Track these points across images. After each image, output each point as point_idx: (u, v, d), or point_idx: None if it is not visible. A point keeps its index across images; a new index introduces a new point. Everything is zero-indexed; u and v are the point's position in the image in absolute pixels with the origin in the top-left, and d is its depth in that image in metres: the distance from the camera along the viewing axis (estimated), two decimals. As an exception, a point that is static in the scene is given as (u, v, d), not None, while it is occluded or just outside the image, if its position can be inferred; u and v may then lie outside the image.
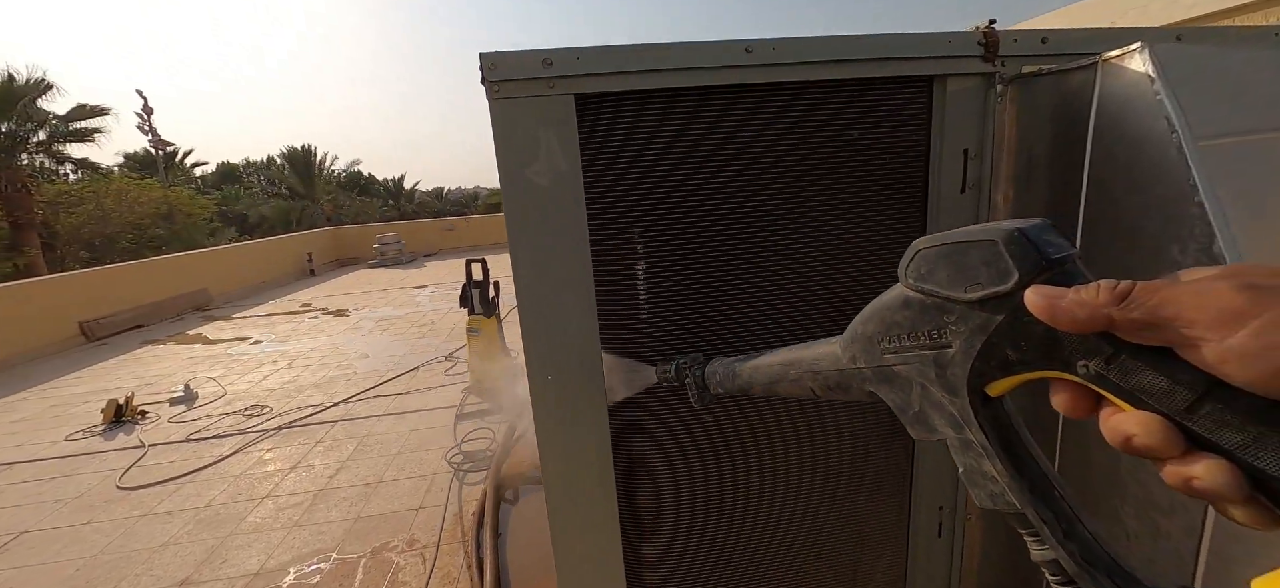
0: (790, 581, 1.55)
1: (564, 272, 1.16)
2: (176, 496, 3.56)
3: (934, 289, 0.39)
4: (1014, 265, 0.34)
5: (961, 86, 1.21)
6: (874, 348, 0.45)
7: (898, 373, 0.44)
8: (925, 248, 0.40)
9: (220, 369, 6.28)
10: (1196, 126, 0.86)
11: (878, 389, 0.47)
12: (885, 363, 0.45)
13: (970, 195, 1.28)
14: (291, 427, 4.51)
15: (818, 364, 0.53)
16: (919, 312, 0.41)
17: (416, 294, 10.24)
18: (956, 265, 0.38)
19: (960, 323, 0.38)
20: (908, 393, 0.44)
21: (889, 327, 0.44)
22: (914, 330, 0.42)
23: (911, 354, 0.42)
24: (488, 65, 1.05)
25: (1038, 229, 0.36)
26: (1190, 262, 0.87)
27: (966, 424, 0.40)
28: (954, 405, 0.40)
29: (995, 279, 0.35)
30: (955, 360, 0.39)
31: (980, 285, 0.36)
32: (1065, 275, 0.34)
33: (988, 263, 0.36)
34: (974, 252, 0.37)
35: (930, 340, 0.41)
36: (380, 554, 2.82)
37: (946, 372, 0.40)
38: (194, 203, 18.63)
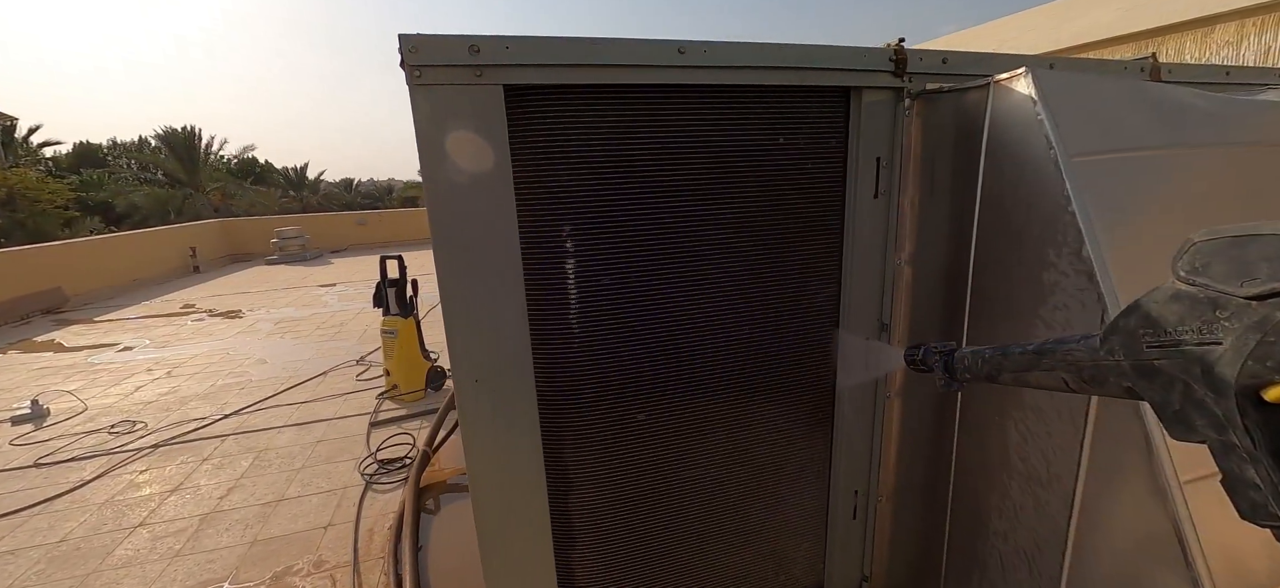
0: (719, 570, 1.59)
1: (492, 269, 1.12)
2: (22, 531, 3.02)
3: (1208, 283, 0.38)
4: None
5: (875, 99, 1.30)
6: (1136, 341, 0.44)
7: (1160, 369, 0.41)
8: (1202, 240, 0.39)
9: (78, 381, 5.42)
10: (1070, 144, 0.98)
11: (1136, 384, 0.44)
12: (1146, 357, 0.42)
13: (882, 201, 1.37)
14: (171, 443, 3.99)
15: (1073, 355, 0.51)
16: (1189, 306, 0.39)
17: (323, 293, 9.44)
18: (1234, 260, 0.36)
19: (1233, 319, 0.36)
20: (1170, 391, 0.41)
21: (1154, 320, 0.42)
22: (1182, 325, 0.40)
23: (1176, 350, 0.40)
24: (408, 48, 0.98)
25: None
26: (1065, 264, 0.99)
27: (1231, 426, 0.37)
28: (1219, 406, 0.37)
29: (1277, 274, 0.33)
30: (1224, 359, 0.36)
31: (1259, 280, 0.34)
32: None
33: (1270, 258, 0.34)
34: (1255, 245, 0.35)
35: (1199, 337, 0.38)
36: (283, 580, 2.56)
37: (1214, 369, 0.37)
38: (42, 187, 15.94)
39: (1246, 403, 0.36)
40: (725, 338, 1.39)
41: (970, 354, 0.73)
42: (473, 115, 1.04)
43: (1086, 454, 0.98)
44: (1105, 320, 0.92)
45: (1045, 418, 1.06)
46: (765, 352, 1.43)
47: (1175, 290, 0.41)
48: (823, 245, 1.40)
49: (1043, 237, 1.02)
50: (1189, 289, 0.40)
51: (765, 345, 1.42)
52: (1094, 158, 0.98)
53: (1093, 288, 0.93)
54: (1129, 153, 1.00)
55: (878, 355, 1.09)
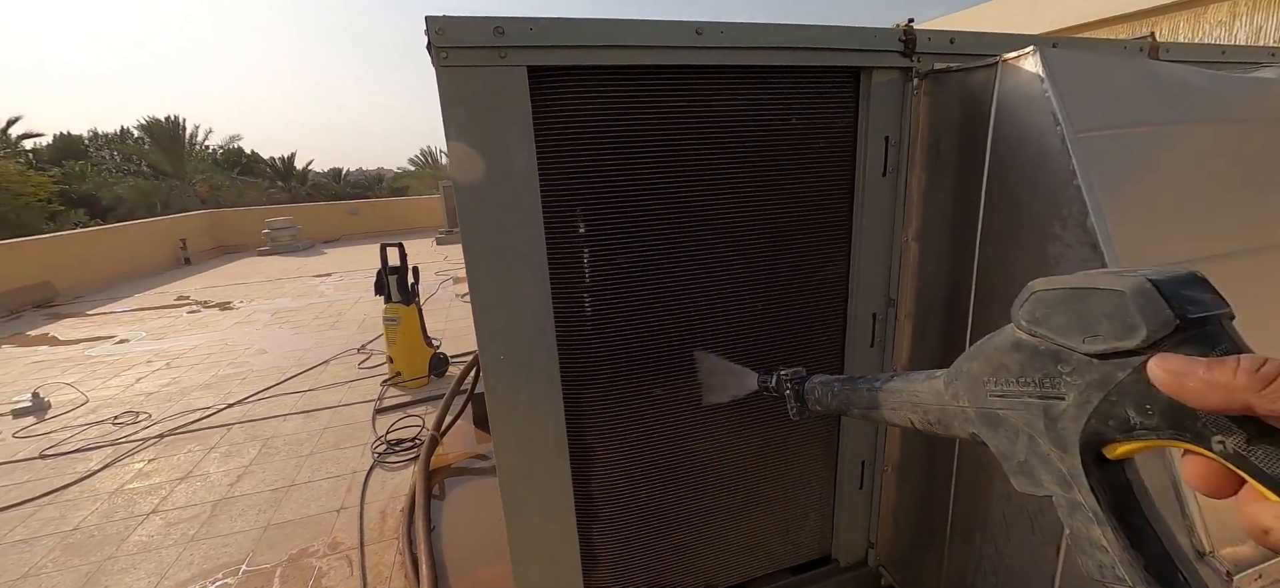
0: (731, 539, 1.65)
1: (517, 249, 1.15)
2: (33, 520, 3.05)
3: (1048, 335, 0.36)
4: (1142, 321, 0.30)
5: (884, 79, 1.33)
6: (980, 388, 0.42)
7: (1004, 418, 0.40)
8: (1042, 289, 0.37)
9: (77, 373, 5.40)
10: (1075, 120, 1.02)
11: (980, 431, 0.43)
12: (991, 406, 0.41)
13: (890, 179, 1.41)
14: (177, 433, 4.00)
15: (918, 397, 0.50)
16: (1030, 357, 0.37)
17: (319, 283, 9.39)
18: (1075, 313, 0.34)
19: (1076, 375, 0.34)
20: (1013, 441, 0.40)
21: (996, 368, 0.40)
22: (1023, 376, 0.38)
23: (1019, 400, 0.39)
24: (434, 30, 1.00)
25: (1177, 282, 0.31)
26: (1070, 235, 1.03)
27: (1076, 485, 0.36)
28: (1063, 463, 0.36)
29: (1118, 333, 0.31)
30: (1067, 414, 0.35)
31: (1100, 338, 0.32)
32: (1206, 338, 0.29)
33: (1110, 315, 0.32)
34: (1096, 300, 0.33)
35: (1041, 389, 0.37)
36: (299, 561, 2.61)
37: (1057, 425, 0.36)
38: (25, 180, 15.66)
39: (1090, 462, 0.36)
40: (738, 313, 1.43)
41: (820, 385, 0.72)
42: (497, 96, 1.06)
43: (1089, 416, 1.03)
44: (1109, 288, 0.97)
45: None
46: (776, 327, 1.47)
47: (1017, 339, 0.39)
48: (833, 223, 1.44)
49: (1048, 210, 1.07)
50: (1030, 340, 0.38)
51: (776, 321, 1.47)
52: (1098, 134, 1.02)
53: (1097, 258, 0.98)
54: (1132, 129, 1.04)
55: (737, 377, 1.10)
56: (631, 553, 1.56)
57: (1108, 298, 0.33)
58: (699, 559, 1.66)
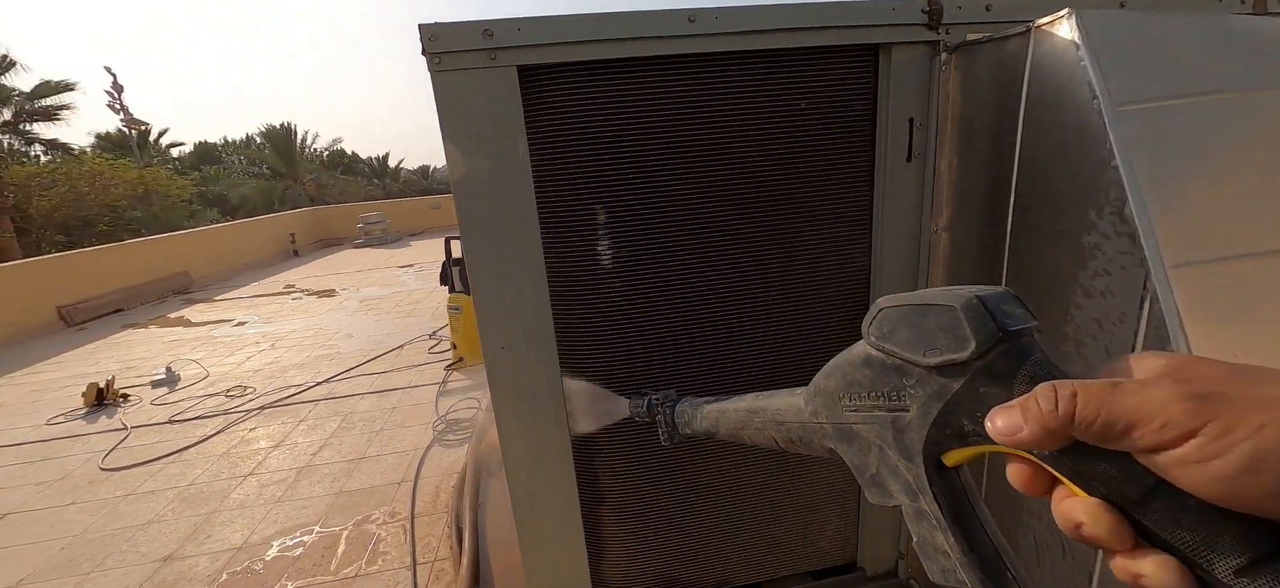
0: (743, 540, 1.62)
1: (512, 243, 1.18)
2: (160, 475, 3.58)
3: (894, 350, 0.38)
4: (971, 334, 0.33)
5: (907, 56, 1.22)
6: (835, 403, 0.44)
7: (857, 432, 0.42)
8: (887, 306, 0.39)
9: (202, 351, 6.25)
10: (1117, 92, 0.89)
11: (837, 446, 0.45)
12: (845, 420, 0.43)
13: (916, 164, 1.30)
14: (275, 406, 4.52)
15: (780, 415, 0.51)
16: (879, 371, 0.40)
17: (401, 273, 10.17)
18: (917, 328, 0.37)
19: (918, 387, 0.37)
20: (866, 454, 0.42)
21: (850, 383, 0.43)
22: (874, 390, 0.40)
23: (871, 414, 0.41)
24: (428, 36, 1.04)
25: (998, 298, 0.35)
26: (1106, 225, 0.90)
27: (921, 492, 0.38)
28: (910, 472, 0.39)
29: (952, 346, 0.34)
30: (912, 425, 0.38)
31: (938, 351, 0.35)
32: (1021, 350, 0.33)
33: (945, 329, 0.35)
34: (933, 315, 0.36)
35: (889, 402, 0.39)
36: (362, 526, 2.87)
37: (903, 436, 0.39)
38: (171, 184, 18.20)
39: (932, 470, 0.38)
40: (747, 309, 1.38)
41: (690, 408, 0.71)
42: (489, 97, 1.09)
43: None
44: (1147, 286, 0.84)
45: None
46: (788, 324, 1.41)
47: (867, 355, 0.41)
48: (850, 214, 1.35)
49: (1084, 197, 0.94)
50: (878, 355, 0.40)
51: (788, 318, 1.40)
52: (1146, 106, 0.88)
53: (1135, 251, 0.85)
54: (1195, 98, 0.89)
55: (607, 403, 0.99)
56: (641, 546, 1.57)
57: (943, 313, 0.35)
58: (713, 557, 1.64)
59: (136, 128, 22.30)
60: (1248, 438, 0.24)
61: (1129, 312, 0.88)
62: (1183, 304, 0.81)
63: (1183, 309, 0.81)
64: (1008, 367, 0.33)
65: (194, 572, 2.66)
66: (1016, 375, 0.32)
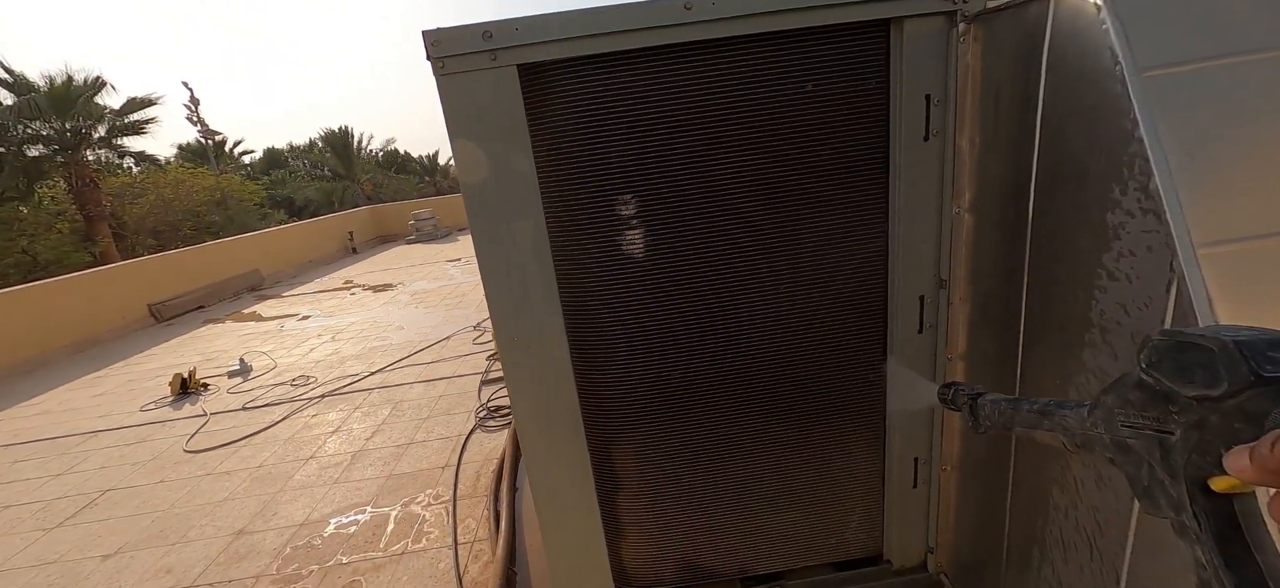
0: (766, 529, 1.61)
1: (518, 239, 1.22)
2: (234, 457, 3.92)
3: (1160, 378, 0.42)
4: (1224, 375, 0.36)
5: (921, 29, 1.17)
6: (1113, 419, 0.48)
7: (1131, 447, 0.46)
8: (1157, 339, 0.43)
9: (271, 344, 6.75)
10: (1142, 56, 0.82)
11: (1115, 456, 0.49)
12: (1121, 435, 0.47)
13: (935, 142, 1.24)
14: (334, 395, 4.84)
15: (1066, 422, 0.56)
16: (1149, 395, 0.43)
17: (449, 267, 10.57)
18: (1179, 361, 0.40)
19: (1182, 414, 0.40)
20: (1139, 468, 0.45)
21: (1125, 402, 0.46)
22: (1145, 411, 0.44)
23: (1142, 432, 0.44)
24: (431, 42, 1.08)
25: (1261, 343, 0.37)
26: (1131, 202, 0.84)
27: (1183, 509, 0.41)
28: (1174, 489, 0.42)
29: (1207, 382, 0.37)
30: (1176, 448, 0.41)
31: (1196, 385, 0.38)
32: (1275, 395, 0.35)
33: (1202, 366, 0.38)
34: (1192, 352, 0.39)
35: (1157, 424, 0.42)
36: (409, 507, 3.04)
37: (1169, 456, 0.41)
38: (244, 188, 19.64)
39: (1195, 490, 0.40)
40: (761, 297, 1.37)
41: (991, 402, 0.76)
42: (492, 97, 1.13)
43: (1152, 424, 0.84)
44: (1174, 267, 0.78)
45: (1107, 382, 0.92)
46: (804, 310, 1.38)
47: (1139, 379, 0.45)
48: (865, 197, 1.31)
49: (1107, 171, 0.87)
50: (1148, 380, 0.43)
51: (804, 304, 1.38)
52: (1175, 71, 0.80)
53: (1160, 230, 0.78)
54: (1230, 59, 0.80)
55: (917, 388, 1.06)
56: (660, 532, 1.59)
57: (1202, 352, 0.38)
58: (734, 544, 1.64)
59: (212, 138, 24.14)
60: None
61: (1155, 296, 0.81)
62: (1214, 288, 0.74)
63: (1214, 293, 0.74)
64: (1259, 408, 0.35)
65: (262, 546, 2.91)
66: (1266, 419, 0.34)
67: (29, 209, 14.36)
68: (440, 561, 2.62)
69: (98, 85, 14.21)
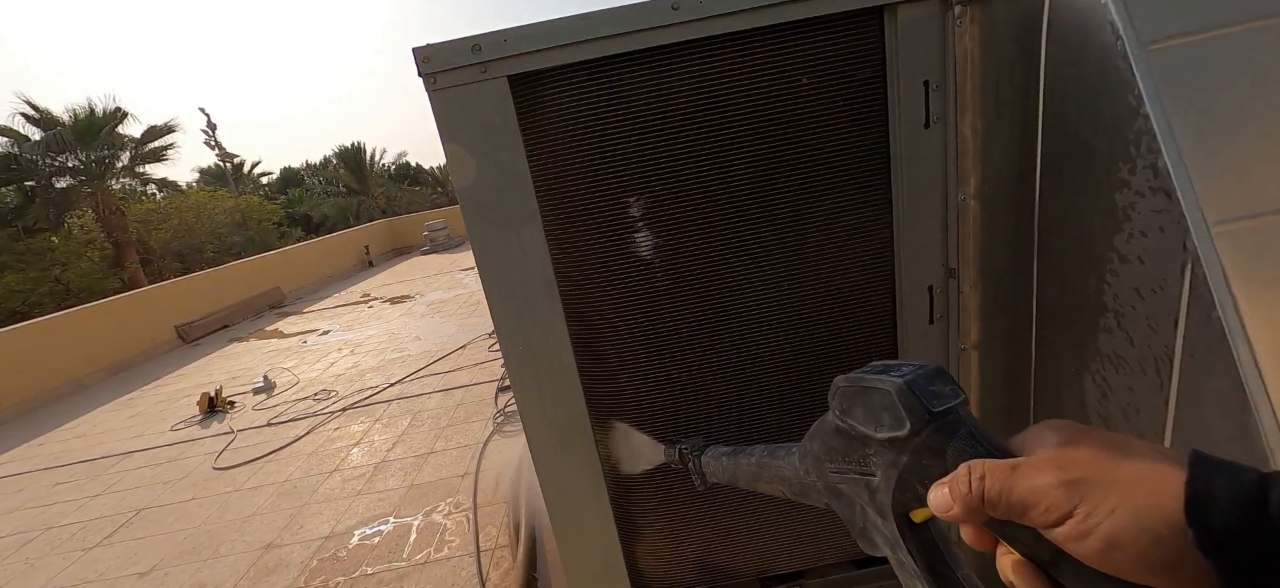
0: (783, 529, 1.59)
1: (518, 249, 1.22)
2: (261, 473, 4.02)
3: (853, 424, 0.43)
4: (906, 415, 0.38)
5: (915, 13, 1.14)
6: (822, 466, 0.49)
7: (841, 491, 0.47)
8: (843, 385, 0.44)
9: (294, 360, 6.90)
10: (1145, 29, 0.79)
11: (830, 501, 0.50)
12: (831, 480, 0.48)
13: (936, 129, 1.21)
14: (355, 407, 4.93)
15: (782, 473, 0.57)
16: (847, 441, 0.44)
17: (464, 276, 10.69)
18: (866, 406, 0.42)
19: (878, 456, 0.42)
20: (852, 510, 0.46)
21: (829, 449, 0.47)
22: (847, 456, 0.45)
23: (847, 477, 0.45)
24: (422, 58, 1.09)
25: (927, 378, 0.39)
26: (1140, 181, 0.81)
27: (897, 546, 0.43)
28: (886, 528, 0.43)
29: (894, 424, 0.39)
30: (880, 488, 0.42)
31: (886, 428, 0.40)
32: (947, 427, 0.38)
33: (887, 408, 0.40)
34: (876, 396, 0.41)
35: (860, 468, 0.44)
36: (431, 516, 3.09)
37: (876, 496, 0.43)
38: (263, 209, 20.11)
39: (904, 526, 0.41)
40: (765, 294, 1.35)
41: (713, 458, 0.76)
42: (484, 110, 1.13)
43: (1172, 413, 0.81)
44: (1187, 247, 0.75)
45: (1126, 370, 0.89)
46: (810, 306, 1.36)
47: (836, 425, 0.45)
48: (868, 188, 1.28)
49: (1113, 150, 0.84)
50: (844, 426, 0.44)
51: (809, 299, 1.36)
52: (1182, 41, 0.77)
53: (1172, 208, 0.75)
54: (1241, 27, 0.77)
55: (648, 449, 1.03)
56: (676, 535, 1.59)
57: (883, 395, 0.40)
58: (751, 544, 1.63)
59: (230, 161, 24.74)
60: (1104, 520, 0.28)
61: (1169, 278, 0.78)
62: (1231, 266, 0.71)
63: (1231, 272, 0.71)
64: (939, 443, 0.38)
65: (290, 559, 2.97)
66: (947, 451, 0.37)
67: (60, 239, 14.88)
68: (462, 569, 2.65)
69: (119, 116, 14.67)
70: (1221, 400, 0.73)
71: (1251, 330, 0.69)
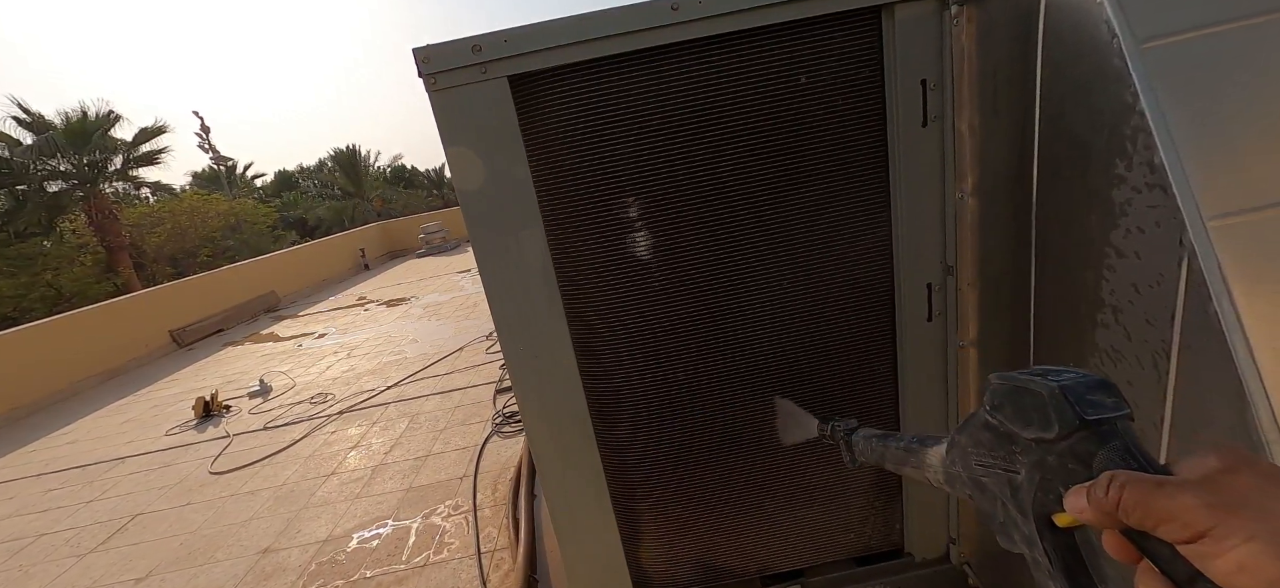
0: (783, 527, 1.60)
1: (518, 249, 1.22)
2: (257, 477, 3.99)
3: (1002, 421, 0.44)
4: (1056, 418, 0.39)
5: (912, 12, 1.15)
6: (968, 458, 0.49)
7: (985, 485, 0.47)
8: (996, 382, 0.45)
9: (289, 363, 6.85)
10: (1140, 27, 0.80)
11: (973, 494, 0.50)
12: (976, 473, 0.48)
13: (933, 128, 1.22)
14: (351, 411, 4.90)
15: (929, 460, 0.58)
16: (996, 437, 0.45)
17: (459, 279, 10.65)
18: (1018, 405, 0.42)
19: (1024, 455, 0.42)
20: (993, 505, 0.47)
21: (977, 442, 0.48)
22: (994, 451, 0.46)
23: (992, 471, 0.46)
24: (422, 59, 1.09)
25: (1084, 387, 0.40)
26: (1136, 177, 0.82)
27: (1033, 545, 0.43)
28: (1024, 526, 0.43)
29: (1043, 426, 0.40)
30: (1023, 487, 0.43)
31: (1033, 428, 0.41)
32: (1100, 436, 0.38)
33: (1037, 409, 0.40)
34: (1028, 397, 0.41)
35: (1005, 464, 0.44)
36: (429, 519, 3.07)
37: (1017, 494, 0.43)
38: (257, 212, 19.99)
39: (1042, 527, 0.42)
40: (765, 292, 1.35)
41: (863, 438, 0.78)
42: (485, 110, 1.13)
43: (1170, 407, 0.81)
44: (1184, 242, 0.76)
45: (1124, 364, 0.90)
46: (809, 304, 1.37)
47: (985, 421, 0.46)
48: (866, 186, 1.29)
49: (1110, 147, 0.85)
50: (993, 422, 0.45)
51: (809, 297, 1.36)
52: (1177, 39, 0.78)
53: (1168, 203, 0.76)
54: (1236, 23, 0.78)
55: (803, 421, 1.06)
56: (676, 535, 1.59)
57: (1035, 398, 0.41)
58: (752, 543, 1.63)
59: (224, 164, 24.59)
60: (1240, 544, 0.29)
61: (1167, 273, 0.79)
62: (1228, 261, 0.72)
63: (1228, 267, 0.72)
64: (1087, 450, 0.38)
65: (288, 563, 2.95)
66: (1094, 460, 0.37)
67: (52, 243, 14.76)
68: (462, 571, 2.64)
69: (112, 119, 14.56)
70: (1219, 394, 0.74)
71: (1248, 324, 0.70)
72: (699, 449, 1.49)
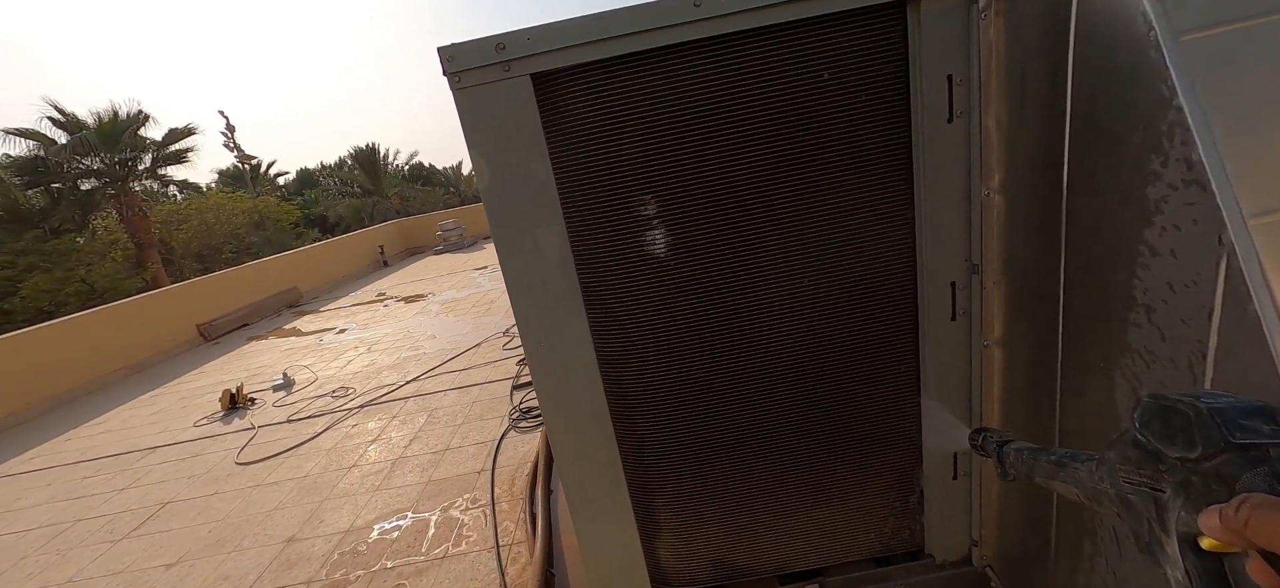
0: (802, 525, 1.59)
1: (540, 246, 1.23)
2: (281, 468, 4.08)
3: (1150, 439, 0.44)
4: (1200, 439, 0.39)
5: (938, 7, 1.13)
6: (1116, 475, 0.49)
7: (1132, 502, 0.47)
8: (1147, 400, 0.45)
9: (312, 358, 7.00)
10: (1178, 19, 0.78)
11: (1121, 511, 0.50)
12: (1123, 490, 0.48)
13: (959, 124, 1.21)
14: (372, 404, 4.99)
15: (1078, 473, 0.58)
16: (1143, 454, 0.45)
17: (477, 276, 10.77)
18: (1166, 424, 0.42)
19: (1170, 474, 0.42)
20: (1140, 522, 0.47)
21: (1125, 459, 0.48)
22: (1141, 468, 0.45)
23: (1139, 489, 0.46)
24: (446, 57, 1.11)
25: (1238, 412, 0.39)
26: (1172, 174, 0.80)
27: (1175, 565, 0.42)
28: (1167, 545, 0.43)
29: (1187, 445, 0.40)
30: (1168, 505, 0.42)
31: (1178, 447, 0.41)
32: (1246, 459, 0.37)
33: (1182, 429, 0.40)
34: (1175, 416, 0.41)
35: (1152, 481, 0.44)
36: (448, 512, 3.12)
37: (1163, 513, 0.43)
38: (280, 209, 20.43)
39: (1186, 548, 0.41)
40: (786, 290, 1.35)
41: (1015, 451, 0.77)
42: (508, 107, 1.14)
43: (1206, 406, 0.80)
44: (1223, 241, 0.74)
45: (1158, 365, 0.88)
46: (830, 302, 1.36)
47: (1134, 438, 0.46)
48: (889, 183, 1.28)
49: (1145, 143, 0.83)
50: (1141, 439, 0.45)
51: (830, 295, 1.35)
52: (1217, 32, 0.76)
53: (1206, 201, 0.74)
54: (1269, 18, 0.75)
55: (952, 432, 1.12)
56: (694, 532, 1.59)
57: (1182, 417, 0.41)
58: (769, 541, 1.63)
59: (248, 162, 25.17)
60: None
61: (1203, 272, 0.77)
62: (1267, 260, 0.70)
63: (1267, 266, 0.70)
64: (1232, 472, 0.37)
65: (311, 552, 3.02)
66: (1239, 481, 0.37)
67: (85, 239, 15.26)
68: (480, 564, 2.68)
69: (141, 119, 14.98)
70: (1259, 395, 0.72)
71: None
72: (717, 445, 1.50)
